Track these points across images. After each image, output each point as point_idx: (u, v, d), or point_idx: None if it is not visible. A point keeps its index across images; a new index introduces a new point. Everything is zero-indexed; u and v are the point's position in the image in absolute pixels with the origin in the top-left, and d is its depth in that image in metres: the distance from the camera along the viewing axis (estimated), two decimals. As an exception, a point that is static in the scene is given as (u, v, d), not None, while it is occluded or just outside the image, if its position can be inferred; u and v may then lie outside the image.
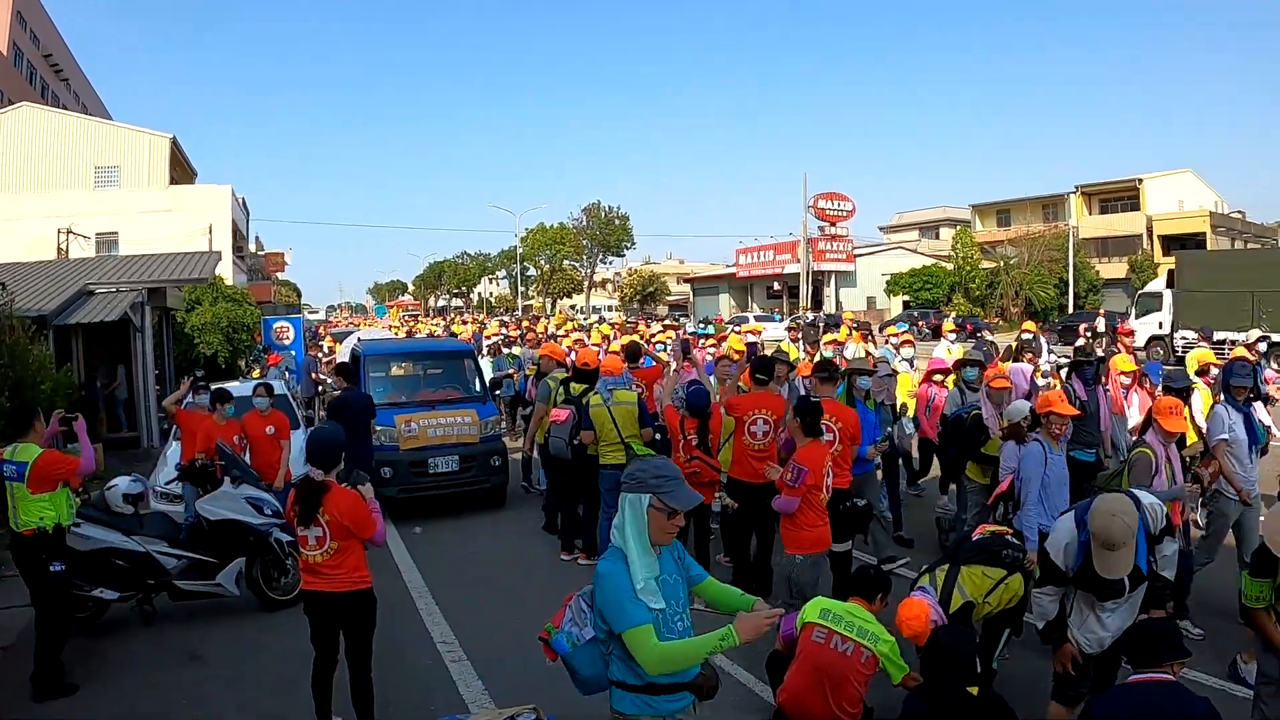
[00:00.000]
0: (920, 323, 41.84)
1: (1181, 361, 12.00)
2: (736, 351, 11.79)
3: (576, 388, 9.32)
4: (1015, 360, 11.56)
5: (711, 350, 14.45)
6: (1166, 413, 6.33)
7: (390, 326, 38.44)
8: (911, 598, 5.05)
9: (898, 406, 10.51)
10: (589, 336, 19.68)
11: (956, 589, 5.19)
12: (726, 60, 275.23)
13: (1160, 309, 30.32)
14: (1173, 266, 30.95)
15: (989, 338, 15.01)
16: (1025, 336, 14.39)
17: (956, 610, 5.10)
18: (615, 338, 18.26)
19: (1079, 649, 4.63)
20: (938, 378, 10.17)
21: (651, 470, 3.33)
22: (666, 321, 33.18)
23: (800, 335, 17.40)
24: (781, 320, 41.18)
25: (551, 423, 9.29)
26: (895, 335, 14.16)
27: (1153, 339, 29.31)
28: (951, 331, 14.89)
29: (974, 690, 4.12)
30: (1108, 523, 4.23)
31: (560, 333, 21.02)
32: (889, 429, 9.47)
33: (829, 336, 15.29)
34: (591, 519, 9.08)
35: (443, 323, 38.89)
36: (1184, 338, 24.98)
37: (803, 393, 10.01)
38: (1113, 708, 3.59)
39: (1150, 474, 6.04)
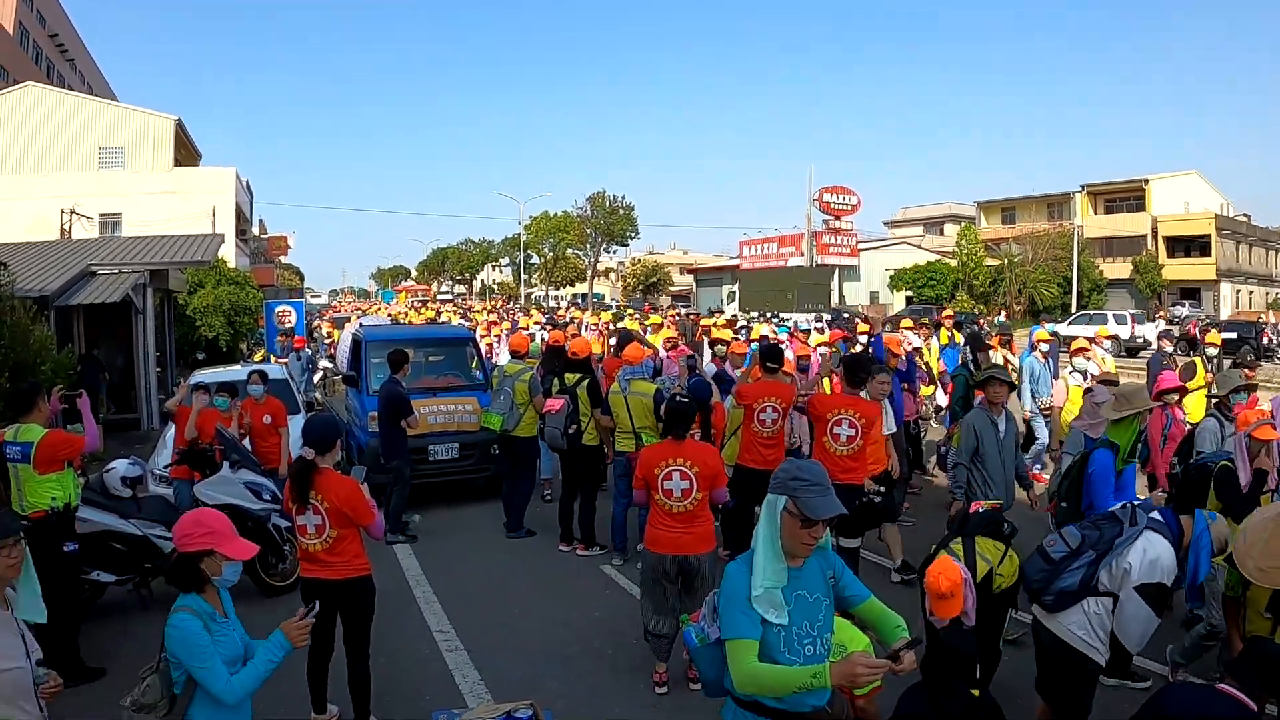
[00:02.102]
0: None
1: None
2: (894, 356, 10.10)
3: (570, 377, 9.39)
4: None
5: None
6: None
7: (400, 313, 38.07)
8: (943, 556, 4.91)
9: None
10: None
11: (979, 558, 5.10)
12: (733, 51, 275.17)
13: (735, 302, 52.30)
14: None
15: (1168, 349, 12.19)
16: (1211, 351, 11.68)
17: (983, 578, 5.01)
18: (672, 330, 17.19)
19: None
20: (1170, 397, 8.33)
21: (792, 471, 3.03)
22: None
23: (931, 334, 13.69)
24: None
25: (545, 413, 9.33)
26: (1045, 340, 11.76)
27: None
28: (1108, 338, 12.53)
29: (975, 693, 4.04)
30: None
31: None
32: None
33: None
34: (589, 509, 9.13)
35: (458, 310, 38.31)
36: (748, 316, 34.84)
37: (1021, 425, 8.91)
38: (1185, 704, 3.36)
39: None
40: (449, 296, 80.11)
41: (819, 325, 18.26)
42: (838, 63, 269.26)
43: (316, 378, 18.70)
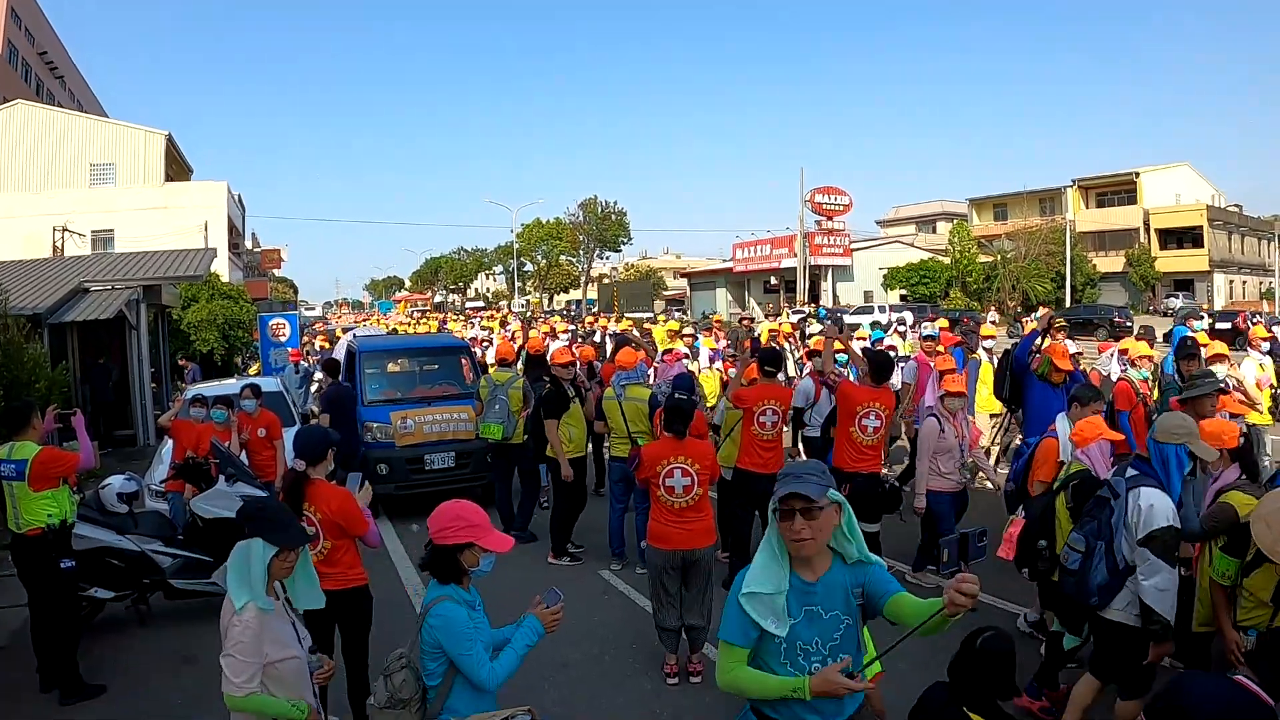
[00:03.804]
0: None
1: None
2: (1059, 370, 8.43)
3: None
4: None
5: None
6: None
7: (403, 324, 37.55)
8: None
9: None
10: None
11: None
12: (723, 55, 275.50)
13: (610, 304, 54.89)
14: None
15: None
16: None
17: None
18: (720, 337, 16.15)
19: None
20: None
21: (783, 471, 3.02)
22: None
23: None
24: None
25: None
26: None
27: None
28: (1265, 339, 10.80)
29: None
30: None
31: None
32: None
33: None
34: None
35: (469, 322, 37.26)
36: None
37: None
38: (1199, 694, 3.34)
39: None
40: (481, 305, 77.21)
41: (901, 329, 16.85)
42: (827, 64, 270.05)
43: (313, 389, 18.66)
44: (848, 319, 24.73)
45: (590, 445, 10.18)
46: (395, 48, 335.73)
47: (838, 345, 9.78)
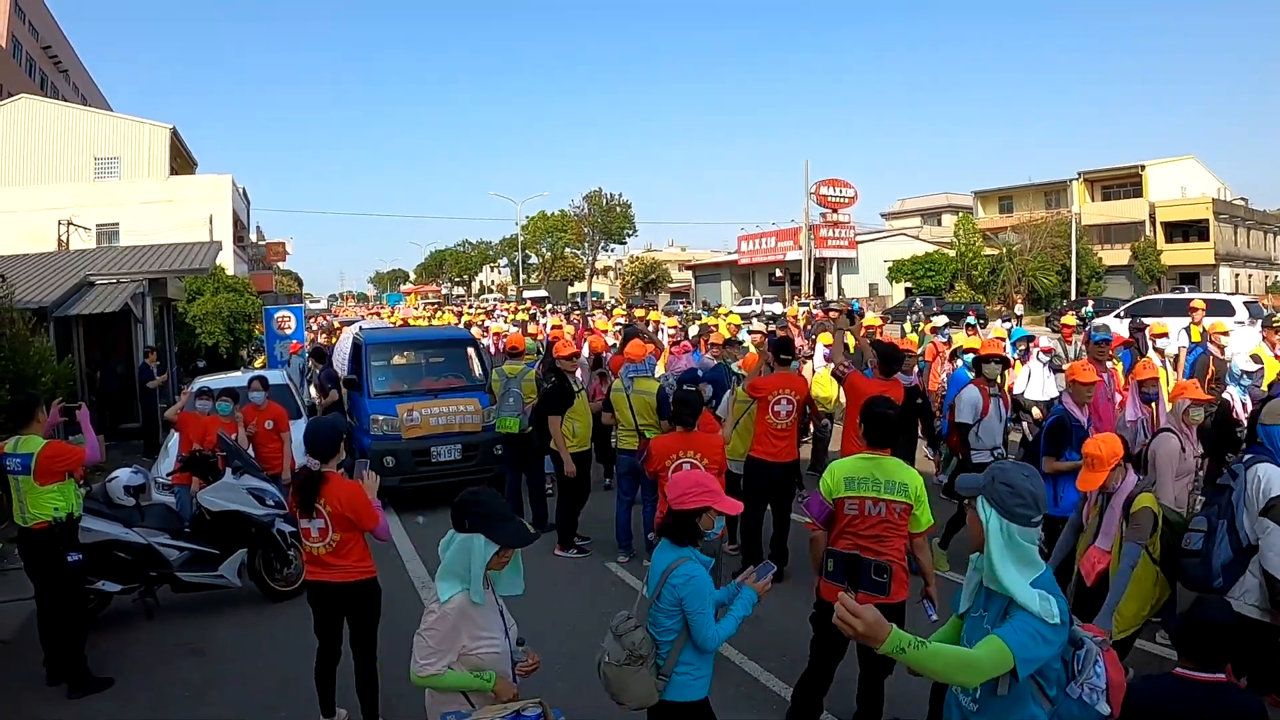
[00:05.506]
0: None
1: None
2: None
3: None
4: None
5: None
6: None
7: (417, 318, 36.86)
8: None
9: None
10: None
11: None
12: (728, 47, 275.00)
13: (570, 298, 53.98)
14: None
15: None
16: None
17: None
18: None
19: None
20: None
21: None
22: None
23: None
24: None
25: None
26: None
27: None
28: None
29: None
30: None
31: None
32: None
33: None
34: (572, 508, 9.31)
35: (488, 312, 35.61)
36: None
37: None
38: (1157, 697, 3.32)
39: None
40: (439, 301, 75.00)
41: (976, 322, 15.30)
42: (833, 56, 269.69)
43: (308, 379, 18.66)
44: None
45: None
46: (401, 41, 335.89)
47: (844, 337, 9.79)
